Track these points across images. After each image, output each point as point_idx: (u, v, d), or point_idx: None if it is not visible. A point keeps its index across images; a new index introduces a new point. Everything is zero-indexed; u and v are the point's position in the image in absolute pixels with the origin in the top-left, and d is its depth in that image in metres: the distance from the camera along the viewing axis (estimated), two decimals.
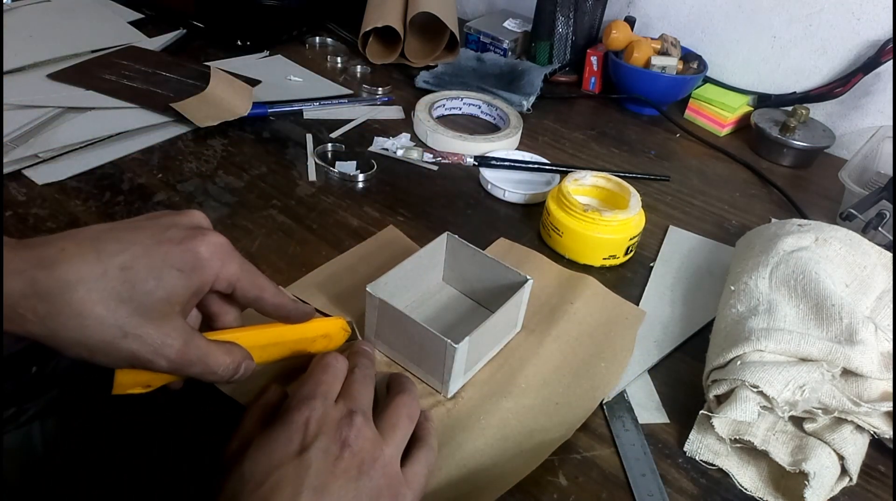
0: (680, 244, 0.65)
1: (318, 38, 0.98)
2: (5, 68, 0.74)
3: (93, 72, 0.77)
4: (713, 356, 0.47)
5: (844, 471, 0.42)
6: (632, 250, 0.61)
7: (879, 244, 0.55)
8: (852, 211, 0.63)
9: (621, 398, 0.47)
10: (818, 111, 0.88)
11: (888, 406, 0.43)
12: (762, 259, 0.53)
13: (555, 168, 0.73)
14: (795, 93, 0.89)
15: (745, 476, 0.43)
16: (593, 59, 0.93)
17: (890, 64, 0.81)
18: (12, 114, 0.67)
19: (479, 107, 0.84)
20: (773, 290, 0.50)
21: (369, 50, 0.93)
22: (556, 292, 0.55)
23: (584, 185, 0.64)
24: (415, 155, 0.72)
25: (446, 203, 0.67)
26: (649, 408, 0.47)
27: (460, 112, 0.84)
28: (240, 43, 0.91)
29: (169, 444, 0.39)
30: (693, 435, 0.45)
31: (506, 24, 1.02)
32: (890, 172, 0.76)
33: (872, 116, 0.86)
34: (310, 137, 0.73)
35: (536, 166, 0.73)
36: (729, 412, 0.42)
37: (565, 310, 0.53)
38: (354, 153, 0.72)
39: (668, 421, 0.46)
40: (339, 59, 0.92)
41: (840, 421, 0.43)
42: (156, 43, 0.88)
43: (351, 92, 0.85)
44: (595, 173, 0.64)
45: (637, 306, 0.56)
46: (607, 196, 0.64)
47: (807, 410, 0.43)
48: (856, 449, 0.42)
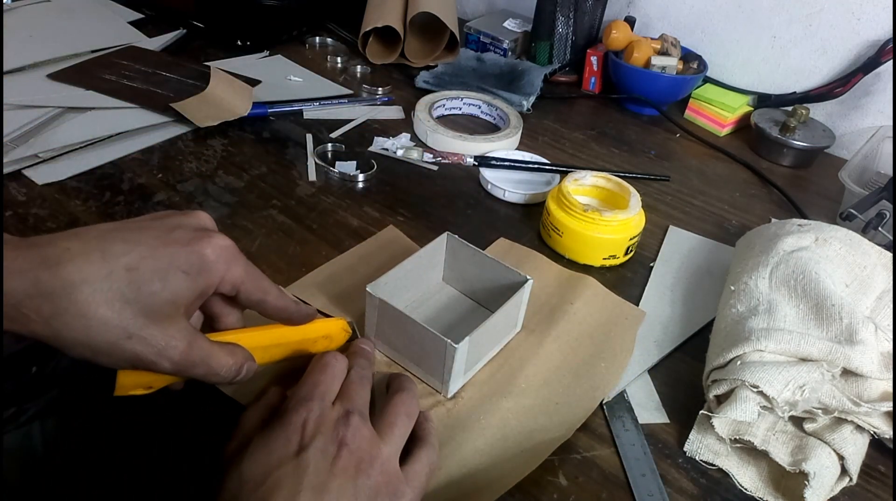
0: (680, 244, 0.65)
1: (318, 38, 0.98)
2: (5, 68, 0.74)
3: (93, 72, 0.77)
4: (713, 356, 0.47)
5: (844, 471, 0.42)
6: (632, 250, 0.61)
7: (879, 244, 0.54)
8: (852, 211, 0.63)
9: (621, 398, 0.47)
10: (818, 111, 0.88)
11: (888, 406, 0.43)
12: (762, 259, 0.53)
13: (555, 168, 0.73)
14: (795, 93, 0.89)
15: (745, 476, 0.43)
16: (593, 59, 0.93)
17: (890, 64, 0.81)
18: (12, 114, 0.67)
19: (479, 107, 0.84)
20: (773, 290, 0.50)
21: (369, 50, 0.93)
22: (556, 293, 0.55)
23: (584, 185, 0.64)
24: (415, 155, 0.72)
25: (446, 203, 0.67)
26: (649, 408, 0.47)
27: (460, 112, 0.84)
28: (240, 43, 0.91)
29: (169, 444, 0.39)
30: (693, 435, 0.45)
31: (506, 24, 1.02)
32: (890, 172, 0.76)
33: (872, 116, 0.86)
34: (310, 137, 0.73)
35: (536, 166, 0.73)
36: (729, 412, 0.42)
37: (565, 310, 0.53)
38: (354, 153, 0.72)
39: (668, 421, 0.46)
40: (339, 59, 0.92)
41: (840, 421, 0.43)
42: (156, 43, 0.88)
43: (351, 92, 0.85)
44: (595, 173, 0.64)
45: (637, 306, 0.56)
46: (607, 196, 0.64)
47: (807, 410, 0.43)
48: (856, 449, 0.42)
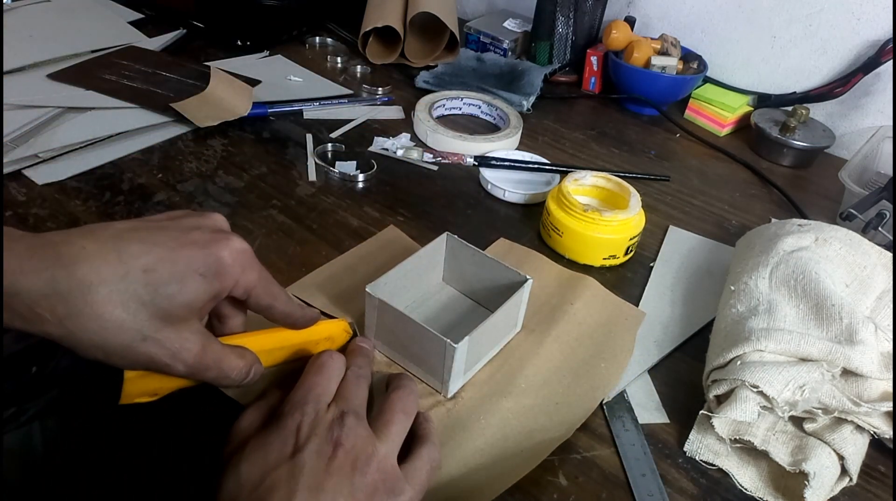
0: (680, 244, 0.65)
1: (318, 38, 0.98)
2: (5, 68, 0.74)
3: (93, 72, 0.77)
4: (713, 356, 0.47)
5: (844, 471, 0.42)
6: (632, 250, 0.61)
7: (879, 244, 0.55)
8: (852, 211, 0.63)
9: (621, 398, 0.47)
10: (818, 111, 0.88)
11: (888, 406, 0.43)
12: (762, 259, 0.53)
13: (555, 168, 0.73)
14: (795, 93, 0.89)
15: (745, 476, 0.43)
16: (593, 59, 0.93)
17: (890, 64, 0.81)
18: (12, 114, 0.67)
19: (479, 107, 0.84)
20: (773, 290, 0.50)
21: (369, 50, 0.93)
22: (556, 293, 0.55)
23: (584, 185, 0.64)
24: (415, 155, 0.72)
25: (446, 203, 0.67)
26: (649, 408, 0.47)
27: (460, 112, 0.84)
28: (240, 43, 0.91)
29: (169, 444, 0.39)
30: (693, 435, 0.45)
31: (506, 24, 1.02)
32: (890, 172, 0.76)
33: (872, 116, 0.86)
34: (310, 137, 0.73)
35: (536, 166, 0.73)
36: (729, 412, 0.42)
37: (565, 310, 0.53)
38: (354, 153, 0.72)
39: (668, 421, 0.46)
40: (339, 59, 0.92)
41: (840, 421, 0.43)
42: (156, 43, 0.88)
43: (351, 92, 0.85)
44: (595, 173, 0.64)
45: (637, 306, 0.56)
46: (607, 196, 0.64)
47: (807, 410, 0.43)
48: (856, 449, 0.42)
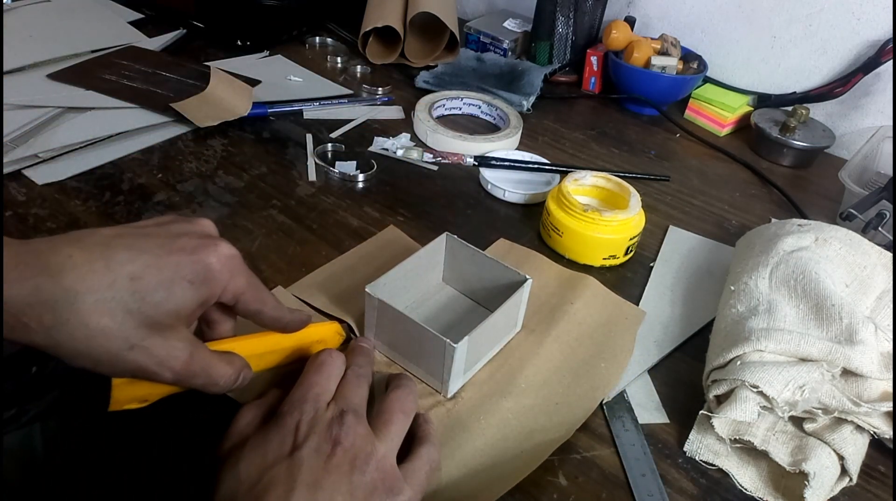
0: (680, 244, 0.65)
1: (318, 38, 0.98)
2: (5, 68, 0.74)
3: (93, 72, 0.77)
4: (713, 356, 0.47)
5: (844, 471, 0.42)
6: (632, 250, 0.61)
7: (879, 244, 0.54)
8: (852, 211, 0.63)
9: (621, 398, 0.47)
10: (818, 111, 0.88)
11: (888, 406, 0.43)
12: (762, 259, 0.53)
13: (555, 168, 0.73)
14: (795, 93, 0.89)
15: (745, 476, 0.43)
16: (593, 59, 0.93)
17: (890, 64, 0.81)
18: (12, 114, 0.67)
19: (479, 107, 0.84)
20: (773, 290, 0.50)
21: (369, 50, 0.93)
22: (556, 292, 0.55)
23: (584, 185, 0.64)
24: (415, 155, 0.72)
25: (446, 203, 0.67)
26: (649, 408, 0.47)
27: (460, 112, 0.84)
28: (240, 43, 0.91)
29: (169, 444, 0.39)
30: (693, 435, 0.45)
31: (506, 24, 1.02)
32: (890, 172, 0.76)
33: (872, 116, 0.86)
34: (310, 137, 0.73)
35: (536, 166, 0.73)
36: (729, 413, 0.42)
37: (565, 310, 0.53)
38: (354, 153, 0.72)
39: (668, 421, 0.46)
40: (339, 59, 0.92)
41: (840, 421, 0.43)
42: (156, 43, 0.88)
43: (351, 92, 0.85)
44: (595, 173, 0.64)
45: (637, 306, 0.56)
46: (607, 196, 0.64)
47: (807, 410, 0.43)
48: (856, 449, 0.42)
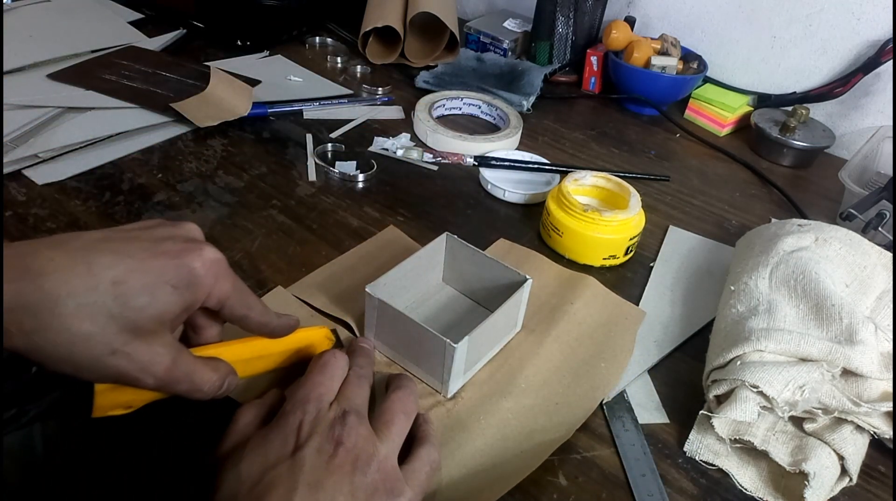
0: (680, 244, 0.65)
1: (318, 38, 0.98)
2: (5, 68, 0.74)
3: (93, 72, 0.77)
4: (713, 356, 0.47)
5: (844, 471, 0.42)
6: (632, 250, 0.61)
7: (879, 244, 0.54)
8: (852, 211, 0.63)
9: (621, 398, 0.47)
10: (818, 111, 0.88)
11: (888, 406, 0.43)
12: (762, 259, 0.53)
13: (555, 168, 0.73)
14: (795, 93, 0.89)
15: (745, 476, 0.43)
16: (593, 59, 0.93)
17: (890, 64, 0.81)
18: (12, 114, 0.67)
19: (479, 107, 0.84)
20: (773, 290, 0.50)
21: (369, 50, 0.93)
22: (556, 292, 0.55)
23: (584, 185, 0.64)
24: (415, 155, 0.72)
25: (446, 203, 0.67)
26: (649, 408, 0.47)
27: (460, 112, 0.84)
28: (240, 43, 0.91)
29: (169, 444, 0.39)
30: (693, 435, 0.45)
31: (506, 24, 1.02)
32: (890, 172, 0.76)
33: (872, 116, 0.86)
34: (310, 137, 0.73)
35: (536, 166, 0.73)
36: (729, 413, 0.42)
37: (565, 310, 0.53)
38: (354, 153, 0.72)
39: (668, 421, 0.46)
40: (339, 59, 0.92)
41: (840, 421, 0.43)
42: (156, 43, 0.88)
43: (351, 92, 0.85)
44: (595, 173, 0.64)
45: (637, 306, 0.56)
46: (607, 196, 0.64)
47: (807, 410, 0.43)
48: (856, 449, 0.42)
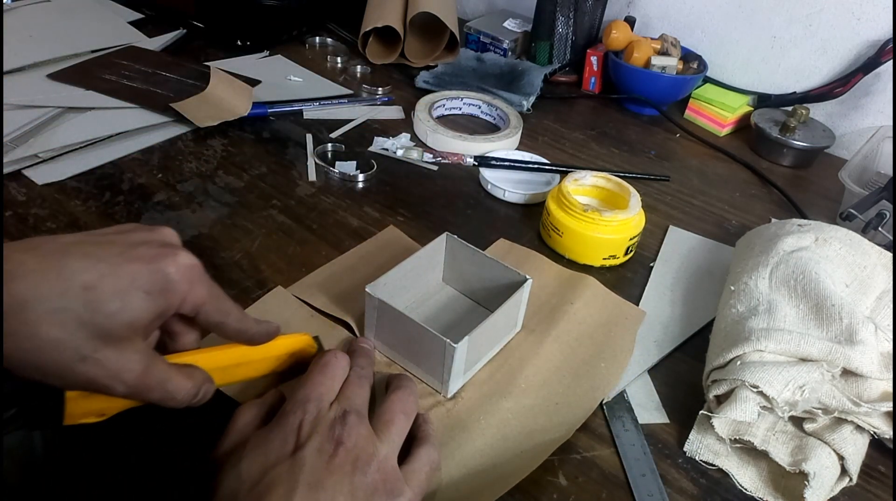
0: (680, 244, 0.65)
1: (318, 38, 0.98)
2: (5, 68, 0.74)
3: (93, 72, 0.77)
4: (713, 356, 0.47)
5: (844, 471, 0.42)
6: (632, 250, 0.61)
7: (879, 244, 0.54)
8: (852, 211, 0.63)
9: (621, 398, 0.47)
10: (818, 111, 0.88)
11: (888, 406, 0.43)
12: (762, 259, 0.53)
13: (555, 168, 0.73)
14: (795, 93, 0.89)
15: (745, 476, 0.43)
16: (593, 59, 0.93)
17: (890, 64, 0.81)
18: (12, 114, 0.67)
19: (479, 107, 0.84)
20: (773, 290, 0.50)
21: (369, 50, 0.93)
22: (556, 292, 0.55)
23: (584, 185, 0.64)
24: (415, 155, 0.72)
25: (446, 203, 0.67)
26: (649, 408, 0.47)
27: (460, 112, 0.84)
28: (240, 43, 0.91)
29: (169, 443, 0.39)
30: (693, 435, 0.45)
31: (506, 24, 1.02)
32: (890, 172, 0.76)
33: (872, 116, 0.86)
34: (310, 137, 0.73)
35: (536, 166, 0.73)
36: (729, 413, 0.42)
37: (565, 310, 0.53)
38: (354, 153, 0.72)
39: (668, 421, 0.46)
40: (339, 59, 0.92)
41: (840, 421, 0.43)
42: (156, 43, 0.88)
43: (351, 92, 0.85)
44: (595, 173, 0.64)
45: (637, 306, 0.56)
46: (607, 196, 0.64)
47: (807, 410, 0.43)
48: (856, 449, 0.42)
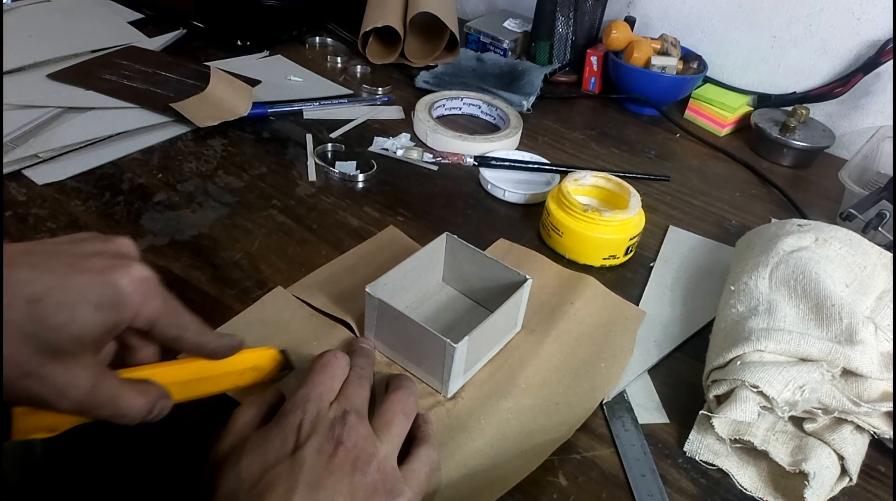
0: (680, 244, 0.65)
1: (318, 38, 0.98)
2: (5, 68, 0.74)
3: (93, 72, 0.77)
4: (713, 356, 0.47)
5: (844, 471, 0.42)
6: (632, 250, 0.61)
7: (879, 244, 0.54)
8: (852, 211, 0.63)
9: (621, 398, 0.47)
10: (818, 111, 0.88)
11: (888, 406, 0.43)
12: (762, 259, 0.53)
13: (555, 168, 0.73)
14: (795, 93, 0.89)
15: (745, 476, 0.43)
16: (593, 59, 0.93)
17: (890, 64, 0.81)
18: (12, 114, 0.66)
19: (479, 107, 0.84)
20: (773, 290, 0.50)
21: (369, 50, 0.93)
22: (556, 292, 0.55)
23: (584, 185, 0.64)
24: (415, 155, 0.72)
25: (446, 203, 0.67)
26: (649, 408, 0.47)
27: (460, 112, 0.84)
28: (240, 43, 0.91)
29: (169, 444, 0.39)
30: (693, 435, 0.45)
31: (506, 24, 1.02)
32: (890, 172, 0.76)
33: (872, 116, 0.86)
34: (310, 137, 0.73)
35: (536, 166, 0.73)
36: (729, 413, 0.42)
37: (565, 310, 0.53)
38: (354, 153, 0.72)
39: (668, 421, 0.46)
40: (339, 59, 0.92)
41: (840, 421, 0.43)
42: (156, 43, 0.88)
43: (351, 92, 0.85)
44: (595, 173, 0.64)
45: (637, 306, 0.56)
46: (607, 196, 0.64)
47: (807, 410, 0.43)
48: (856, 449, 0.42)
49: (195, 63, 0.83)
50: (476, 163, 0.72)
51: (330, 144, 0.73)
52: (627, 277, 0.60)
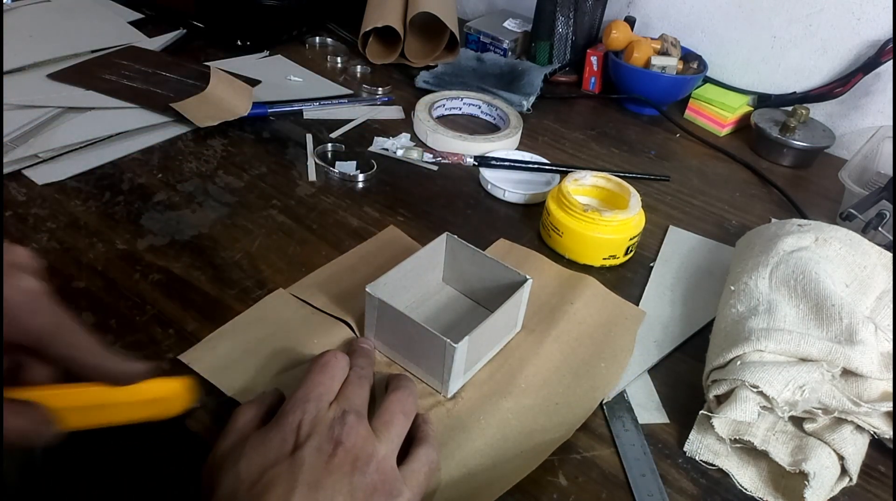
0: (680, 244, 0.65)
1: (318, 38, 0.98)
2: (5, 68, 0.74)
3: (93, 72, 0.77)
4: (713, 356, 0.47)
5: (844, 471, 0.42)
6: (632, 250, 0.61)
7: (879, 244, 0.54)
8: (852, 211, 0.63)
9: (621, 398, 0.47)
10: (818, 111, 0.88)
11: (888, 406, 0.43)
12: (762, 259, 0.53)
13: (555, 168, 0.73)
14: (795, 93, 0.89)
15: (745, 476, 0.43)
16: (593, 59, 0.93)
17: (890, 64, 0.81)
18: (12, 114, 0.66)
19: (479, 107, 0.84)
20: (773, 290, 0.50)
21: (369, 50, 0.93)
22: (556, 292, 0.55)
23: (584, 185, 0.64)
24: (415, 155, 0.72)
25: (446, 203, 0.67)
26: (649, 408, 0.47)
27: (460, 112, 0.84)
28: (240, 43, 0.91)
29: (169, 444, 0.39)
30: (693, 435, 0.45)
31: (506, 24, 1.02)
32: (890, 172, 0.76)
33: (872, 116, 0.86)
34: (310, 137, 0.73)
35: (536, 166, 0.73)
36: (729, 413, 0.42)
37: (565, 310, 0.53)
38: (354, 153, 0.72)
39: (668, 421, 0.46)
40: (339, 59, 0.92)
41: (840, 421, 0.43)
42: (156, 43, 0.87)
43: (351, 92, 0.85)
44: (595, 173, 0.64)
45: (637, 306, 0.56)
46: (607, 196, 0.64)
47: (807, 410, 0.43)
48: (856, 449, 0.42)
49: (195, 63, 0.83)
50: (476, 163, 0.72)
51: (330, 144, 0.73)
52: (627, 277, 0.60)
